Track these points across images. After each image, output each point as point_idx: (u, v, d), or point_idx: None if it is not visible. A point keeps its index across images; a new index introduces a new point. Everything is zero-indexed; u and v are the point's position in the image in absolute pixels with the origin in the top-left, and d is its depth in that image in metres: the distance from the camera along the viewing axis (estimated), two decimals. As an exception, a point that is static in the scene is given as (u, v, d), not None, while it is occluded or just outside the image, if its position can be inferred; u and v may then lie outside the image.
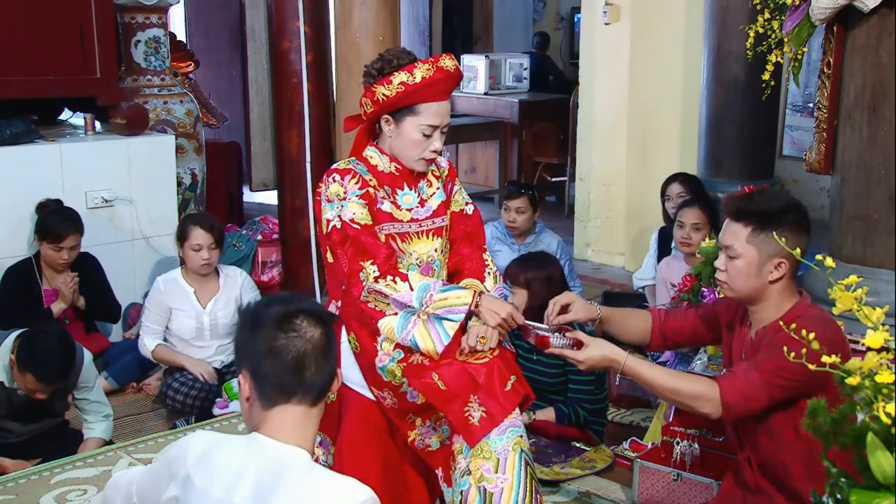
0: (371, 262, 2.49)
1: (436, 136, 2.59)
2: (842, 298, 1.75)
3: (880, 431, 1.54)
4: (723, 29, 5.06)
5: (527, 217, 4.88)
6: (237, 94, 8.02)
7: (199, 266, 4.17)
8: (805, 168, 3.63)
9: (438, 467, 2.64)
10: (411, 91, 2.51)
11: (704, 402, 2.37)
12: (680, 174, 5.04)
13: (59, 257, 4.23)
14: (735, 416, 2.37)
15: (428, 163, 2.64)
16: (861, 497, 1.54)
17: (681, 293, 3.79)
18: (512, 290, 3.65)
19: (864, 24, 3.20)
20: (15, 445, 3.55)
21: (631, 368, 2.45)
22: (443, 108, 2.59)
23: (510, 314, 2.51)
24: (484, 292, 2.59)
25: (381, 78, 2.54)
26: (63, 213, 4.28)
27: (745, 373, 2.35)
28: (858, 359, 1.67)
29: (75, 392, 3.66)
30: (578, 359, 2.47)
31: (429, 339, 2.49)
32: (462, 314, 2.48)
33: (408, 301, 2.49)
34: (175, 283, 4.23)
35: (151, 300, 4.24)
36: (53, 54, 4.61)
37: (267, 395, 1.74)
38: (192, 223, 4.20)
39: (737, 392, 2.33)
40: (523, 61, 9.02)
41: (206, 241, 4.15)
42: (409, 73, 2.51)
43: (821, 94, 3.41)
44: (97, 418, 3.74)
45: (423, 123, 2.56)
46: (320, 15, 5.29)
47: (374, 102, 2.56)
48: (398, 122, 2.58)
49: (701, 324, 2.71)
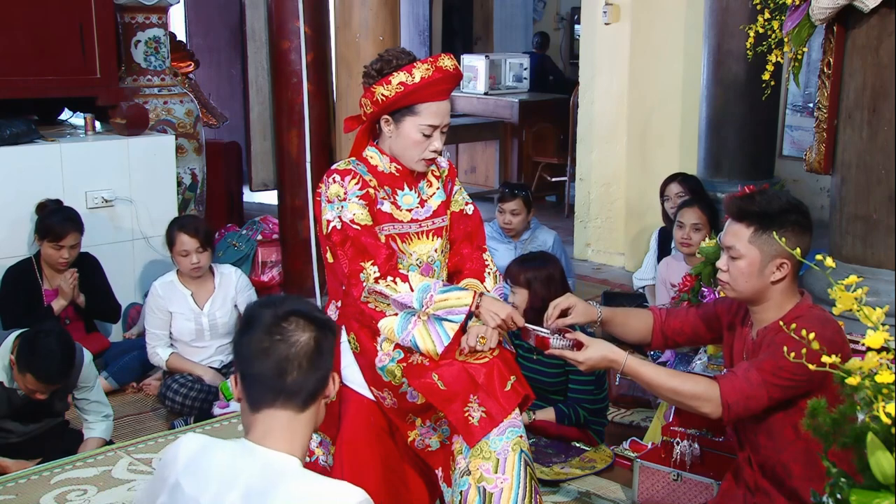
0: (371, 263, 2.49)
1: (436, 136, 2.59)
2: (842, 298, 1.75)
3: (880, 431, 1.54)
4: (723, 29, 5.06)
5: (521, 219, 4.89)
6: (237, 94, 8.02)
7: (190, 270, 4.17)
8: (805, 168, 3.62)
9: (438, 467, 2.64)
10: (410, 91, 2.51)
11: (704, 402, 2.37)
12: (679, 174, 5.04)
13: (59, 256, 4.23)
14: (735, 415, 2.37)
15: (428, 163, 2.64)
16: (861, 497, 1.54)
17: (681, 293, 3.79)
18: (513, 290, 3.66)
19: (864, 24, 3.20)
20: (15, 445, 3.55)
21: (631, 369, 2.45)
22: (442, 107, 2.58)
23: (510, 315, 2.51)
24: (484, 293, 2.59)
25: (381, 78, 2.54)
26: (63, 213, 4.28)
27: (744, 372, 2.35)
28: (858, 359, 1.67)
29: (75, 392, 3.66)
30: (578, 360, 2.47)
31: (429, 340, 2.49)
32: (462, 315, 2.48)
33: (408, 302, 2.49)
34: (172, 287, 4.23)
35: (151, 305, 4.24)
36: (53, 54, 4.61)
37: (252, 398, 1.72)
38: (177, 229, 4.17)
39: (736, 392, 2.34)
40: (523, 61, 9.03)
41: (192, 246, 4.13)
42: (408, 74, 2.50)
43: (821, 94, 3.41)
44: (97, 418, 3.74)
45: (422, 123, 2.56)
46: (320, 15, 5.29)
47: (374, 103, 2.55)
48: (398, 122, 2.57)
49: (701, 324, 2.71)
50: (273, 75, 5.49)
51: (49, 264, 4.30)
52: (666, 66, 6.07)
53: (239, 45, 7.65)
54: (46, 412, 3.59)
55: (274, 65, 5.42)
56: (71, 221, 4.26)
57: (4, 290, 4.27)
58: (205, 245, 4.17)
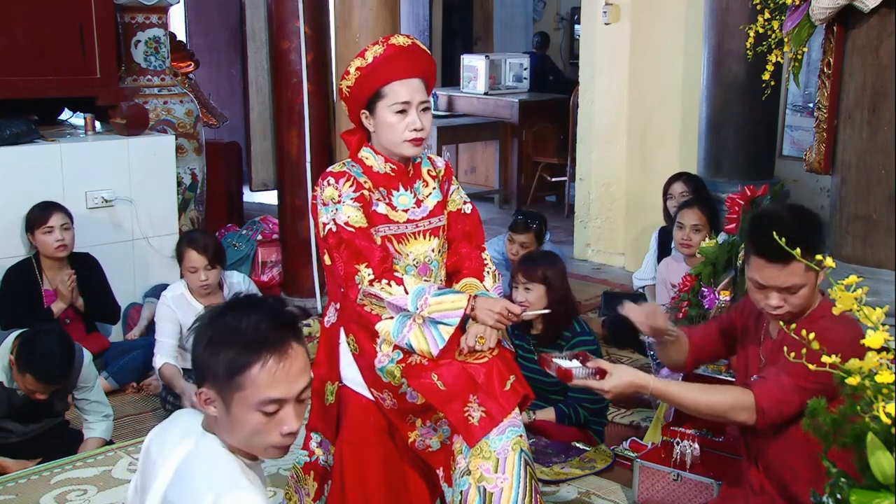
0: (366, 266, 2.49)
1: (412, 114, 2.57)
2: (842, 298, 1.75)
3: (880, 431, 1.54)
4: (723, 29, 5.06)
5: (530, 252, 4.84)
6: (237, 94, 8.02)
7: (198, 288, 4.11)
8: (805, 168, 3.62)
9: (439, 467, 2.64)
10: (368, 73, 2.56)
11: (740, 411, 2.36)
12: (683, 173, 5.03)
13: (53, 240, 4.23)
14: (770, 421, 2.36)
15: (415, 143, 2.59)
16: (861, 497, 1.54)
17: (681, 293, 3.79)
18: (527, 288, 3.65)
19: (864, 24, 3.20)
20: (15, 445, 3.55)
21: (659, 391, 2.42)
22: (409, 83, 2.58)
23: (504, 308, 2.52)
24: (478, 295, 2.58)
25: (343, 75, 2.62)
26: (42, 202, 4.31)
27: (776, 377, 2.35)
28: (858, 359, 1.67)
29: (75, 392, 3.66)
30: (604, 388, 2.39)
31: (424, 343, 2.49)
32: (457, 318, 2.48)
33: (403, 304, 2.49)
34: (183, 300, 4.16)
35: (162, 316, 4.16)
36: (53, 54, 4.61)
37: None
38: (186, 245, 4.11)
39: (770, 397, 2.33)
40: (523, 61, 9.02)
41: (200, 264, 4.06)
42: (361, 58, 2.58)
43: (821, 94, 3.41)
44: (97, 418, 3.74)
45: (391, 103, 2.56)
46: (320, 15, 5.29)
47: (345, 99, 2.64)
48: (373, 112, 2.60)
49: (720, 336, 2.71)
50: (273, 75, 5.49)
51: (47, 254, 4.28)
52: (666, 66, 6.07)
53: (239, 45, 7.65)
54: (46, 412, 3.59)
55: (274, 65, 5.42)
56: (51, 204, 4.28)
57: (4, 290, 4.27)
58: (213, 263, 4.09)
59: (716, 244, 3.77)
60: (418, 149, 2.62)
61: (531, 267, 3.70)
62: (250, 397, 1.68)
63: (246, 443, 1.74)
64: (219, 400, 1.71)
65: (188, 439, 1.77)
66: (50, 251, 4.26)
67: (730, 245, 3.70)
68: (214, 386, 1.71)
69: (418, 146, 2.61)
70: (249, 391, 1.68)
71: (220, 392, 1.71)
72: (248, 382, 1.68)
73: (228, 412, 1.71)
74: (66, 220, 4.28)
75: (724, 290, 3.49)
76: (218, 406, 1.72)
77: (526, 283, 3.67)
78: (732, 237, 3.75)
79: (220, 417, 1.73)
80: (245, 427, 1.71)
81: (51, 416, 3.63)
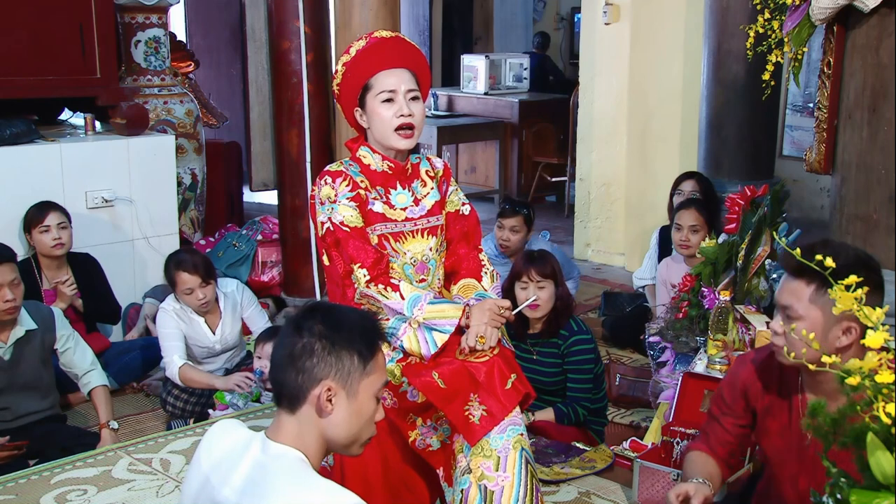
0: (359, 266, 2.52)
1: (399, 101, 2.59)
2: (842, 298, 1.75)
3: (880, 431, 1.54)
4: (723, 29, 5.06)
5: (520, 237, 4.84)
6: (237, 94, 8.03)
7: (198, 307, 4.10)
8: (805, 168, 3.62)
9: (439, 467, 2.64)
10: (353, 66, 2.60)
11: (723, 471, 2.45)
12: (696, 173, 5.02)
13: (50, 238, 4.24)
14: (735, 461, 2.45)
15: (405, 135, 2.60)
16: (861, 497, 1.54)
17: (681, 293, 3.79)
18: (540, 286, 3.63)
19: (864, 24, 3.20)
20: (13, 432, 3.57)
21: None
22: (394, 73, 2.60)
23: (496, 305, 2.54)
24: (471, 304, 2.58)
25: (333, 75, 2.67)
26: (39, 202, 4.32)
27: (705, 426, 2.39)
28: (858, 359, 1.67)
29: (58, 347, 3.71)
30: None
31: (416, 345, 2.51)
32: (451, 327, 2.51)
33: (399, 309, 2.52)
34: (184, 313, 4.14)
35: (165, 324, 4.12)
36: (53, 54, 4.61)
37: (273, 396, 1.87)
38: (176, 268, 4.07)
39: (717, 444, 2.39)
40: (523, 61, 9.03)
41: (194, 283, 4.04)
42: (346, 54, 2.63)
43: (821, 94, 3.41)
44: (87, 366, 3.77)
45: (378, 92, 2.59)
46: (320, 15, 5.29)
47: (338, 99, 2.68)
48: (364, 107, 2.63)
49: (739, 430, 2.50)
50: (273, 75, 5.49)
51: (45, 253, 4.29)
52: (666, 66, 6.07)
53: (239, 45, 7.66)
54: (31, 375, 3.64)
55: (274, 65, 5.42)
56: (48, 203, 4.30)
57: (4, 290, 4.27)
58: (206, 279, 4.07)
59: (716, 244, 3.77)
60: (410, 141, 2.62)
61: (543, 264, 3.66)
62: (375, 382, 1.81)
63: (356, 435, 1.81)
64: (342, 392, 1.77)
65: (251, 448, 1.77)
66: (47, 250, 4.27)
67: (730, 245, 3.70)
68: (341, 379, 1.76)
69: (409, 138, 2.62)
70: (375, 376, 1.80)
71: (348, 383, 1.77)
72: (375, 368, 1.81)
73: (353, 402, 1.78)
74: (62, 219, 4.29)
75: (724, 290, 3.49)
76: (339, 400, 1.77)
77: (540, 282, 3.64)
78: (732, 237, 3.75)
79: (339, 411, 1.77)
80: (364, 415, 1.80)
81: (38, 386, 3.67)
